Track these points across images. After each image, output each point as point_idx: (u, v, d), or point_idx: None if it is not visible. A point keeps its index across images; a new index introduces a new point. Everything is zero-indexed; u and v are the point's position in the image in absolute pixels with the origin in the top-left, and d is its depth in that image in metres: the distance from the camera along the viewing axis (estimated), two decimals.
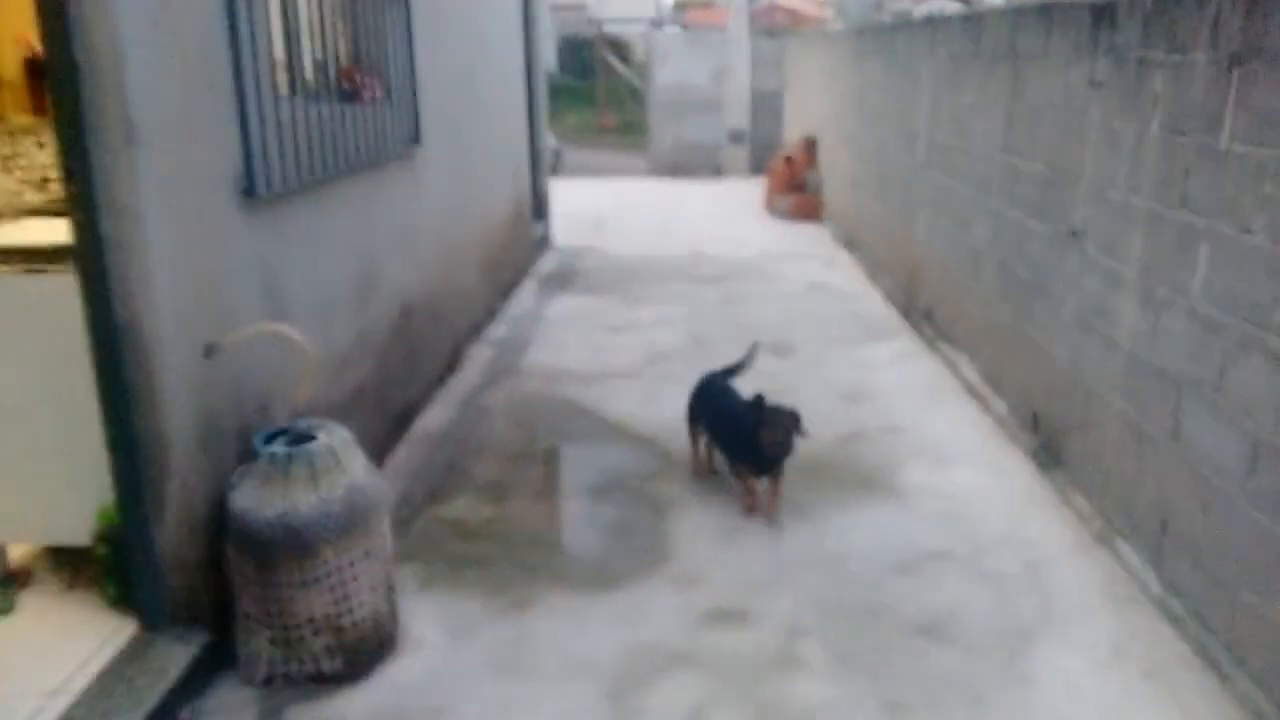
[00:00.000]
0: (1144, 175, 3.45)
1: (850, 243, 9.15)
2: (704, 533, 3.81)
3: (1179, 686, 2.87)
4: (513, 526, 3.89)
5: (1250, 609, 2.76)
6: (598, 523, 3.91)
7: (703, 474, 4.30)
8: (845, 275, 8.30)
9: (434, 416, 5.04)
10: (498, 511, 4.01)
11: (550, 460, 4.53)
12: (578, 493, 4.18)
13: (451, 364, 5.70)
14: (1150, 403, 3.37)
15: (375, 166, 4.34)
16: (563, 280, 8.18)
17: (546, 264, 8.86)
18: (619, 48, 25.91)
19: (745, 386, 4.25)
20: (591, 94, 25.54)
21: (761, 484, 3.97)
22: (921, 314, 6.45)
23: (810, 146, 11.13)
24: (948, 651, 3.06)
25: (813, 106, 11.50)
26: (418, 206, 5.02)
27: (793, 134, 12.85)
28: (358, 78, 4.27)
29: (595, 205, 12.30)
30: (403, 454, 4.59)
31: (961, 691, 2.87)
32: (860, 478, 4.28)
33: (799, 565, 3.54)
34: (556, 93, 30.27)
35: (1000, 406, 4.85)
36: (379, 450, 4.39)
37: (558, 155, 18.21)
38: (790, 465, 4.24)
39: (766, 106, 14.96)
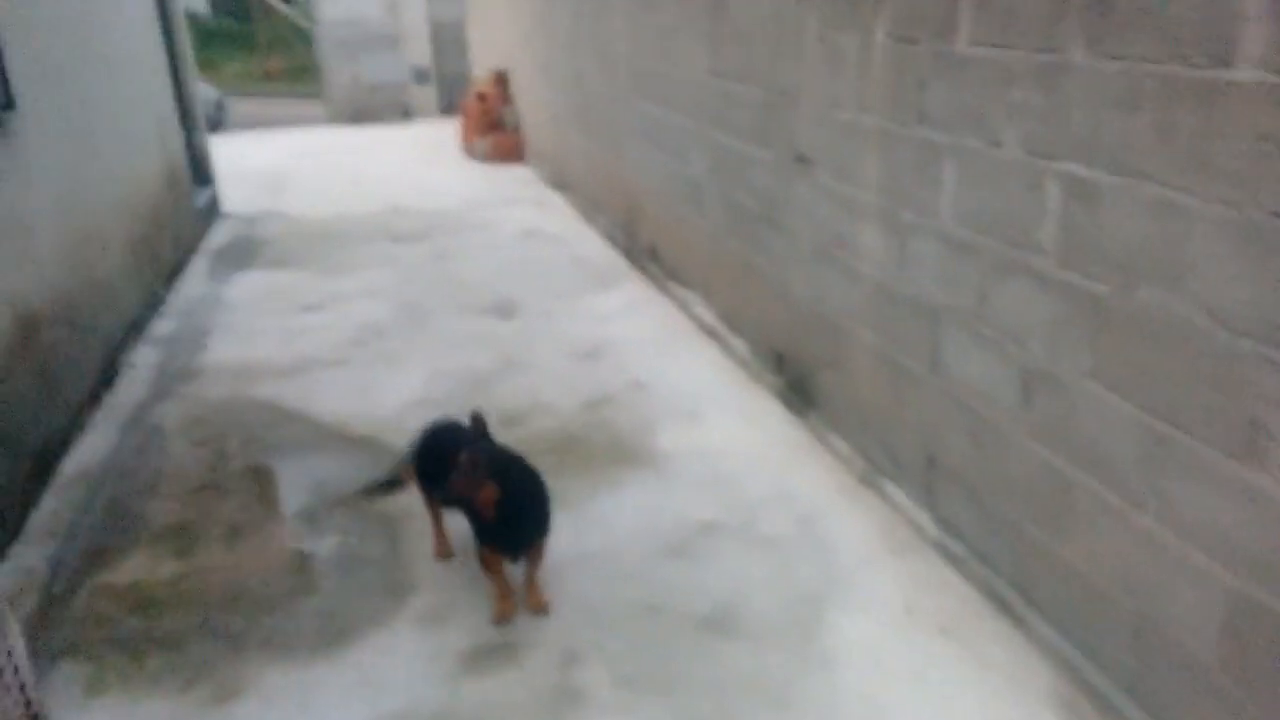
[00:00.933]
0: (873, 91, 3.20)
1: (560, 183, 8.69)
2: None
3: (977, 638, 2.71)
4: (206, 583, 3.12)
5: (1036, 546, 2.63)
6: (316, 559, 3.23)
7: (447, 554, 3.19)
8: (559, 219, 7.83)
9: (89, 447, 4.05)
10: (184, 566, 3.21)
11: (248, 485, 3.73)
12: (287, 522, 3.45)
13: (106, 376, 4.65)
14: (904, 334, 3.18)
15: None
16: (241, 254, 7.10)
17: (218, 236, 7.67)
18: None
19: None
20: (251, 37, 23.19)
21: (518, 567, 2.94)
22: (645, 254, 6.13)
23: (502, 80, 10.47)
24: (739, 645, 2.72)
25: (500, 35, 10.82)
26: (21, 188, 3.92)
27: (481, 68, 12.11)
28: None
29: (271, 163, 10.99)
30: (49, 505, 3.61)
31: (762, 693, 2.55)
32: (614, 449, 3.87)
33: (563, 570, 3.07)
34: (209, 38, 27.31)
35: (741, 347, 4.62)
36: (14, 506, 3.40)
37: (220, 108, 16.28)
38: (537, 443, 3.77)
39: (450, 39, 14.04)
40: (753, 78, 4.14)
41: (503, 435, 3.94)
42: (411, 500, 3.34)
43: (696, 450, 3.82)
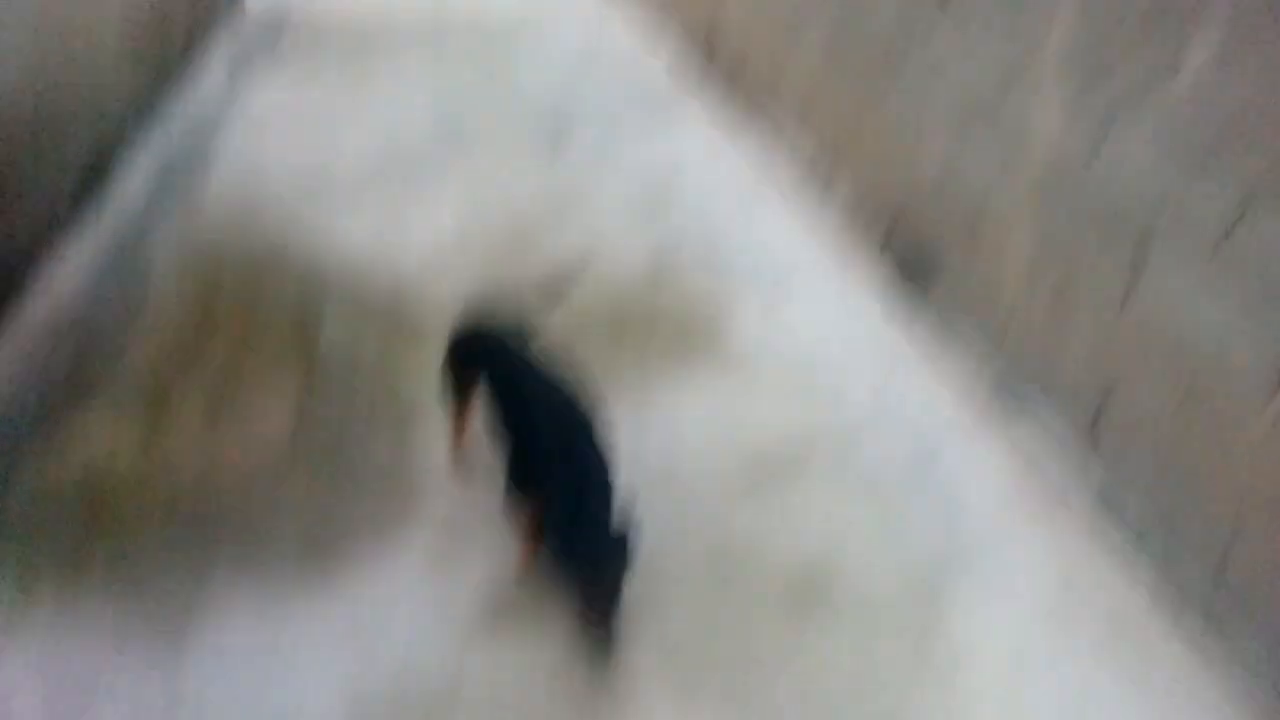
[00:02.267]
0: None
1: None
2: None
3: (1146, 649, 2.06)
4: (174, 472, 2.54)
5: (1252, 550, 1.92)
6: (307, 452, 2.63)
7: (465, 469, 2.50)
8: (630, 20, 6.79)
9: (62, 283, 3.43)
10: (151, 445, 2.63)
11: (238, 340, 3.10)
12: (277, 399, 2.83)
13: (88, 191, 3.96)
14: (1085, 246, 2.37)
15: None
16: (266, 43, 6.23)
17: (241, 22, 6.77)
18: None
19: None
20: None
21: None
22: (726, 71, 5.18)
23: None
24: (834, 628, 2.10)
25: None
26: None
27: None
28: None
29: None
30: (6, 359, 3.02)
31: (867, 699, 1.94)
32: (679, 328, 3.17)
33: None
34: None
35: (840, 201, 3.79)
36: None
37: None
38: (587, 314, 3.12)
39: None
40: None
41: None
42: (427, 389, 2.70)
43: (780, 340, 3.10)
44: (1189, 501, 2.08)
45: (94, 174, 4.01)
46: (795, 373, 2.94)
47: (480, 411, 2.38)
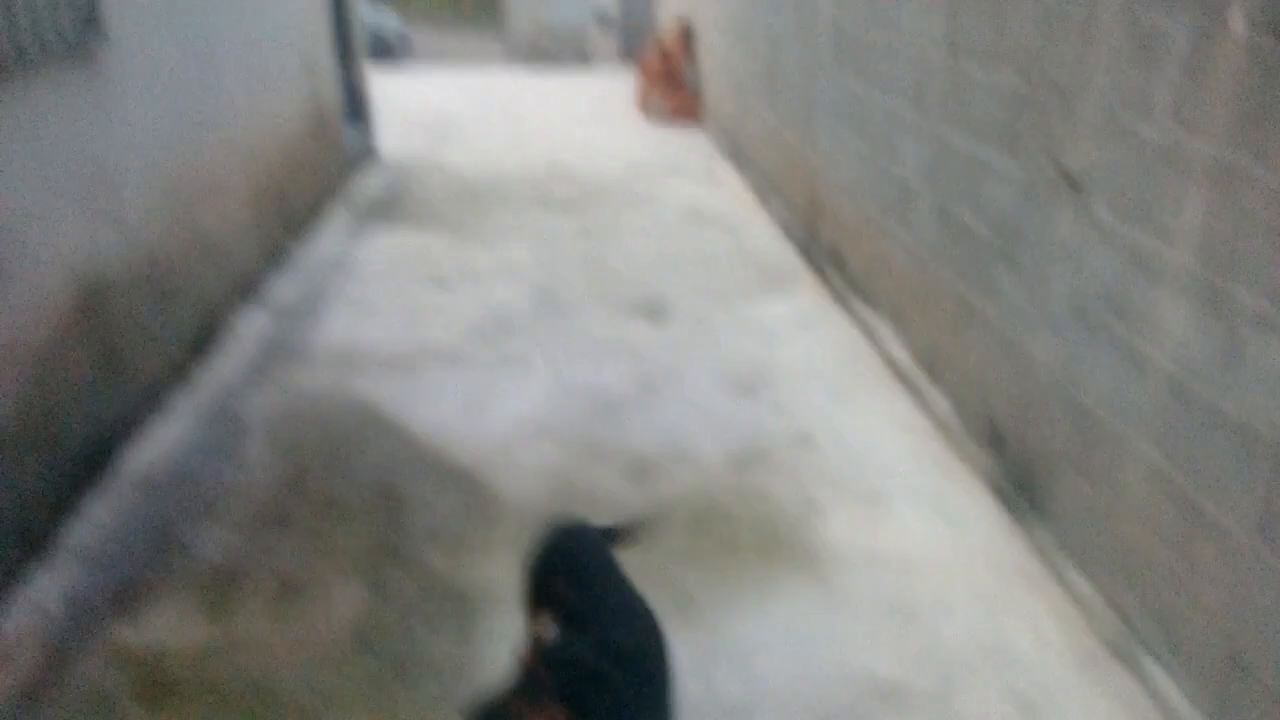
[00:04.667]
0: (1211, 103, 2.15)
1: (736, 154, 7.75)
2: None
3: None
4: (236, 664, 2.47)
5: None
6: (372, 639, 2.53)
7: None
8: (730, 197, 6.92)
9: (160, 440, 3.50)
10: (217, 631, 2.57)
11: (314, 522, 3.07)
12: (347, 583, 2.77)
13: (201, 348, 4.11)
14: (1216, 469, 2.16)
15: None
16: (385, 208, 6.54)
17: (367, 184, 7.15)
18: None
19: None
20: None
21: None
22: (827, 256, 5.16)
23: (686, 34, 9.54)
24: None
25: None
26: (108, 133, 3.35)
27: (668, 17, 11.19)
28: None
29: (438, 103, 10.50)
30: (95, 514, 3.06)
31: None
32: (765, 533, 3.00)
33: None
34: None
35: (943, 404, 3.63)
36: (44, 519, 2.86)
37: (403, 39, 16.05)
38: (672, 510, 3.02)
39: None
40: (1006, 59, 3.11)
41: (628, 492, 3.17)
42: (493, 566, 2.60)
43: (875, 554, 2.91)
44: None
45: (206, 333, 4.16)
46: (890, 591, 2.73)
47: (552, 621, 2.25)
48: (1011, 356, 3.11)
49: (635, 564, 2.74)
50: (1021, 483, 3.04)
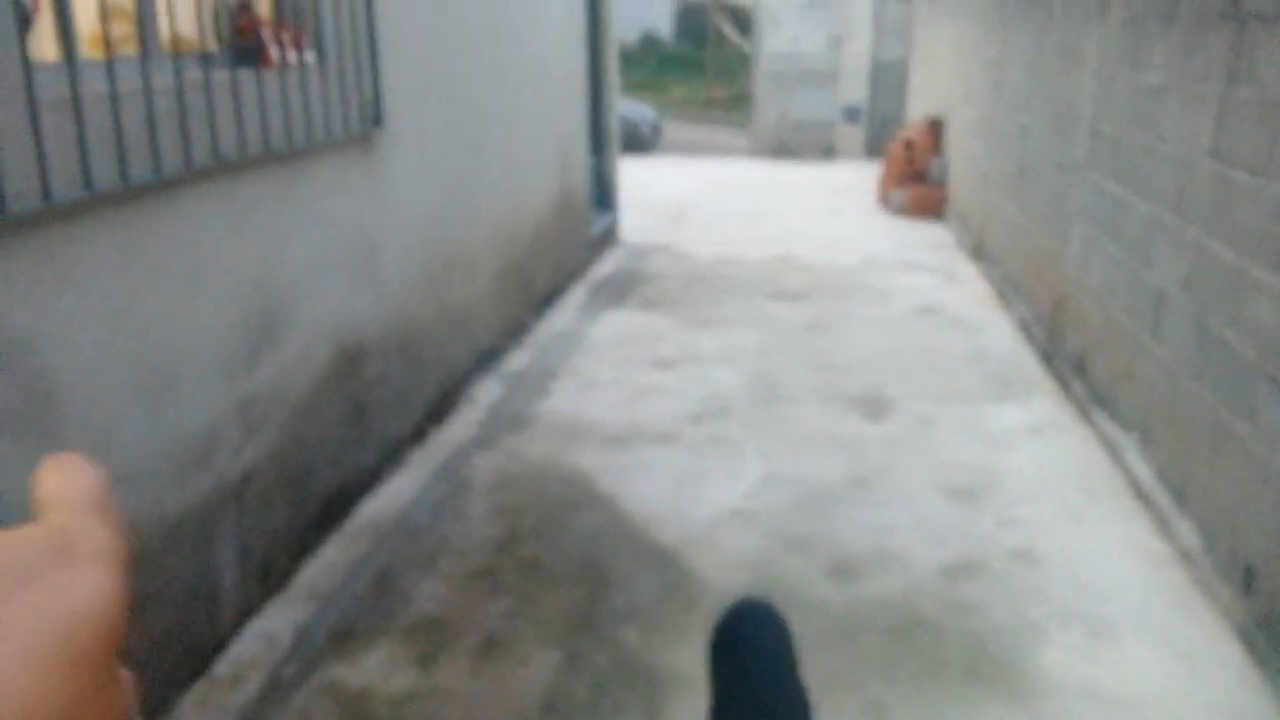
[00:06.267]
0: None
1: (977, 251, 7.50)
2: None
3: None
4: (433, 713, 2.60)
5: None
6: (554, 713, 2.59)
7: None
8: (969, 295, 6.68)
9: (394, 492, 3.79)
10: (421, 680, 2.72)
11: (522, 583, 3.20)
12: (544, 649, 2.85)
13: (442, 410, 4.44)
14: None
15: (290, 159, 3.08)
16: (619, 289, 6.83)
17: (605, 266, 7.51)
18: (738, 14, 24.38)
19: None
20: (702, 63, 24.10)
21: None
22: (1070, 363, 4.85)
23: (935, 129, 9.42)
24: None
25: (941, 80, 9.77)
26: (377, 210, 3.74)
27: (916, 112, 11.12)
28: (264, 32, 3.01)
29: (680, 191, 10.90)
30: (329, 556, 3.35)
31: None
32: (973, 655, 2.81)
33: None
34: (668, 62, 29.01)
35: (1189, 534, 3.29)
36: (286, 557, 3.16)
37: (655, 130, 16.84)
38: (868, 616, 2.88)
39: (888, 79, 13.19)
40: (1277, 171, 2.85)
41: (827, 591, 3.08)
42: (686, 652, 2.59)
43: (1095, 690, 2.65)
44: None
45: (445, 397, 4.49)
46: None
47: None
48: (1273, 489, 2.78)
49: (829, 666, 2.67)
50: (1277, 633, 2.68)
